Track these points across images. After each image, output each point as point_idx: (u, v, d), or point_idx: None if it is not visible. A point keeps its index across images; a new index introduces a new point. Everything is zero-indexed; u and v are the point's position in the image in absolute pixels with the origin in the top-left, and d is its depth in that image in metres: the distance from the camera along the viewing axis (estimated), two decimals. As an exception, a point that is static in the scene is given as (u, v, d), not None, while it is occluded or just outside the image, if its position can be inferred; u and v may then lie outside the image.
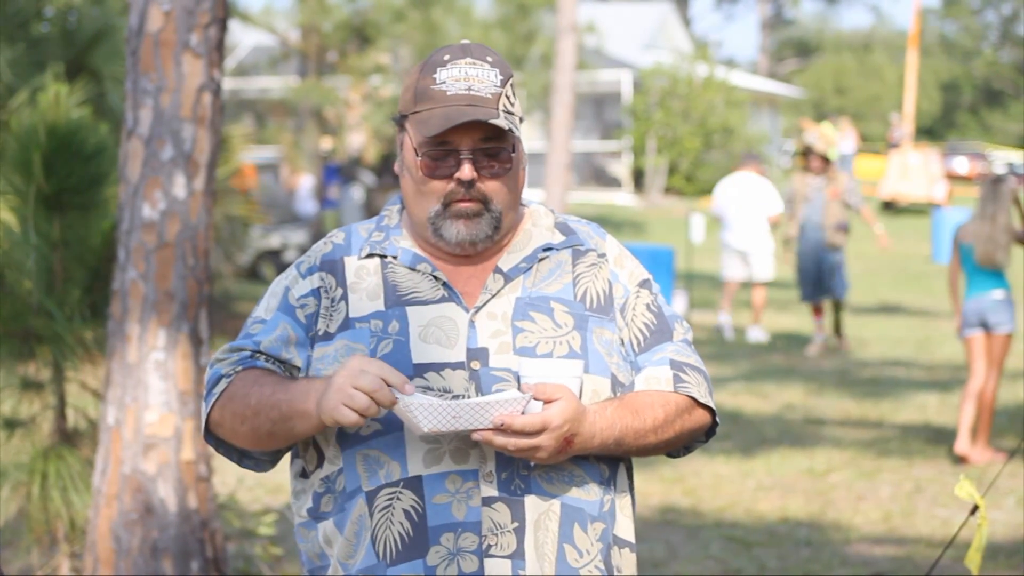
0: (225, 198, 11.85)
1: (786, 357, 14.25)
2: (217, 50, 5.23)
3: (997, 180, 9.79)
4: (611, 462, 2.72)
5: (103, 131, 5.89)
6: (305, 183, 26.91)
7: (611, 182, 39.28)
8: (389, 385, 2.51)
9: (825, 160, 14.46)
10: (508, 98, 2.68)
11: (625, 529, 2.75)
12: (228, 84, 26.55)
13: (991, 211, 9.44)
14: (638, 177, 38.26)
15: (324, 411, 2.55)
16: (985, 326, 9.40)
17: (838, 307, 14.71)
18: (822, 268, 14.37)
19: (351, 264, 2.75)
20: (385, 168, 27.92)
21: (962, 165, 38.34)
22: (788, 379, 12.75)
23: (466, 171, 2.65)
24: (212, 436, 2.76)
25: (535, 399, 2.55)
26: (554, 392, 2.55)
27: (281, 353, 2.72)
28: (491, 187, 2.68)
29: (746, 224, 15.38)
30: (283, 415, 2.62)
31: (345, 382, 2.52)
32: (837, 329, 14.81)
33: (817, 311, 14.63)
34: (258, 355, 2.72)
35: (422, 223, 2.71)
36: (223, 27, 5.25)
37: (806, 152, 14.57)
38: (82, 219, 5.73)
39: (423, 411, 2.50)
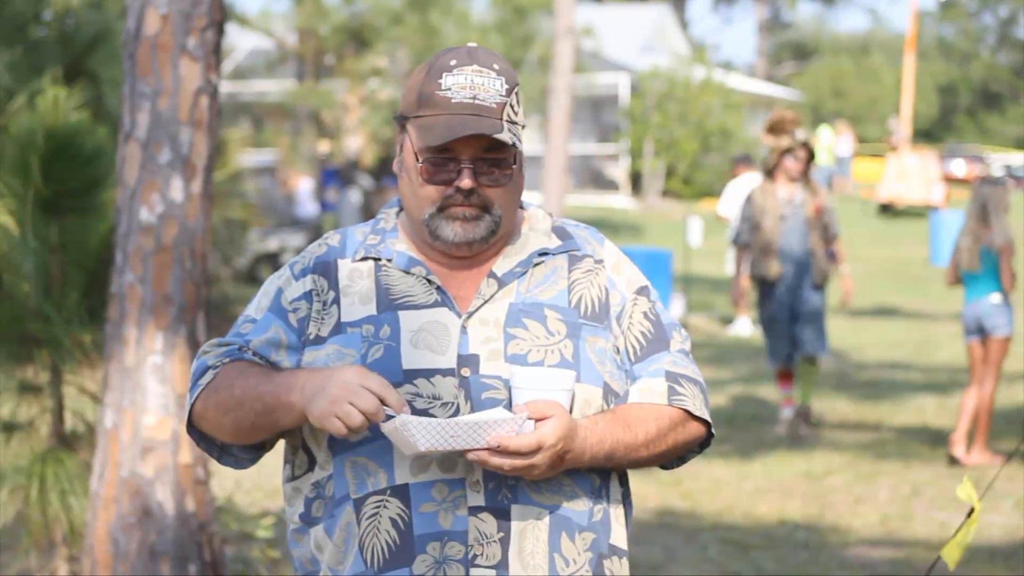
0: (223, 201, 11.85)
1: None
2: (214, 53, 5.23)
3: (983, 181, 9.78)
4: (602, 472, 2.69)
5: (101, 135, 5.89)
6: (304, 186, 26.90)
7: (608, 185, 39.31)
8: (385, 406, 2.51)
9: (807, 164, 10.45)
10: (512, 107, 2.66)
11: (619, 537, 2.72)
12: (225, 87, 26.54)
13: (970, 214, 9.47)
14: (635, 180, 38.28)
15: (314, 416, 2.53)
16: (983, 331, 9.41)
17: (811, 370, 10.47)
18: (800, 314, 10.27)
19: (344, 267, 2.73)
20: (383, 171, 27.89)
21: (960, 168, 38.35)
22: (786, 382, 12.72)
23: (466, 181, 2.63)
24: (195, 430, 2.74)
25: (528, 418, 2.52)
26: (546, 409, 2.52)
27: (270, 355, 2.70)
28: (491, 194, 2.66)
29: None
30: (267, 407, 2.60)
31: (342, 395, 2.50)
32: (805, 399, 10.47)
33: (787, 377, 10.48)
34: (246, 350, 2.70)
35: (419, 223, 2.69)
36: (220, 30, 5.26)
37: (784, 152, 10.32)
38: (80, 223, 5.74)
39: (420, 429, 2.47)
